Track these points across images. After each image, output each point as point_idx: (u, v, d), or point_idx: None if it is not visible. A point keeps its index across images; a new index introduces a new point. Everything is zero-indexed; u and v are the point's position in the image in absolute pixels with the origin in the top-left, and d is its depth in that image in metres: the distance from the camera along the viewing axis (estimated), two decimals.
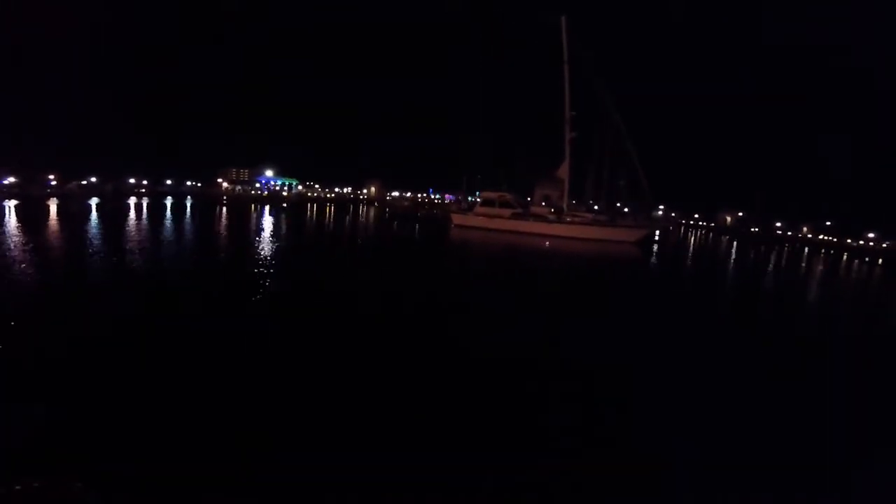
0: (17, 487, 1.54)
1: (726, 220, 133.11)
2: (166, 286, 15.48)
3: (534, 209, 50.47)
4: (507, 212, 50.25)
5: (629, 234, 47.07)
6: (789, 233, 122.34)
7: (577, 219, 48.53)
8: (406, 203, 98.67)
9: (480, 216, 51.34)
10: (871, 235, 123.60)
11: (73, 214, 41.20)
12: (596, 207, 54.06)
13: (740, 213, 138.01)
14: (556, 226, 47.71)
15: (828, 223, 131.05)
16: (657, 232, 51.39)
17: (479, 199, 53.59)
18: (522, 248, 37.38)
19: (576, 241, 44.66)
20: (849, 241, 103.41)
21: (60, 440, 5.65)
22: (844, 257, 74.11)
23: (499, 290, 18.84)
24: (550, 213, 49.39)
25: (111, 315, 11.68)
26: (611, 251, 40.35)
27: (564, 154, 49.54)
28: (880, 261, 70.75)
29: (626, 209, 59.55)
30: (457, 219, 54.01)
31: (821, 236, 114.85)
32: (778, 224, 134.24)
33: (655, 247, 48.88)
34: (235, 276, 18.02)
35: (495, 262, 29.93)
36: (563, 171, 49.91)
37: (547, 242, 40.49)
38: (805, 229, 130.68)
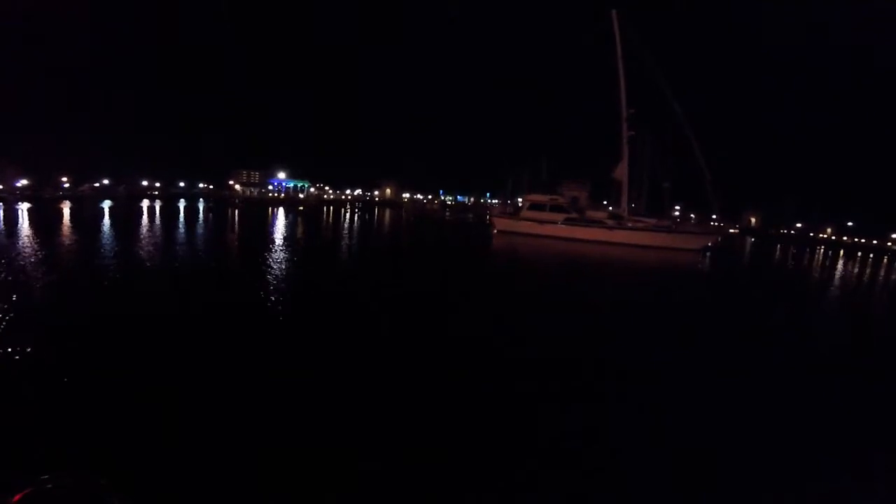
0: (49, 486, 1.54)
1: (751, 221, 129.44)
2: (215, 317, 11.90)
3: (590, 214, 46.55)
4: (559, 216, 46.33)
5: (693, 241, 43.36)
6: (821, 235, 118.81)
7: (639, 224, 44.71)
8: (435, 206, 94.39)
9: (529, 221, 47.48)
10: (894, 236, 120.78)
11: (86, 218, 38.49)
12: (678, 209, 50.34)
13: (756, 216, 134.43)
14: (617, 232, 43.84)
15: (849, 223, 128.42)
16: (720, 239, 47.62)
17: (525, 203, 49.53)
18: (583, 258, 33.85)
19: (636, 249, 41.00)
20: (889, 243, 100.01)
21: (84, 437, 5.49)
22: (885, 259, 70.71)
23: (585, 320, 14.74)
24: (608, 218, 45.52)
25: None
26: (677, 260, 36.85)
27: (622, 153, 45.78)
28: None
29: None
30: (500, 224, 50.07)
31: (854, 238, 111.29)
32: (799, 224, 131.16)
33: (722, 255, 45.18)
34: (294, 292, 14.75)
35: (564, 275, 26.13)
36: (621, 172, 46.04)
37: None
38: (829, 230, 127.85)
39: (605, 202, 55.84)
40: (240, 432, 5.92)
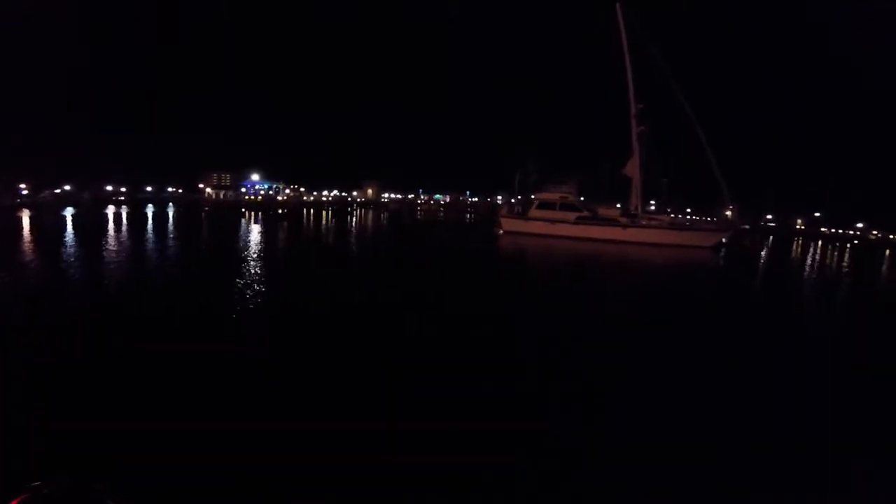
0: (46, 492, 1.58)
1: (727, 214, 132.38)
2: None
3: (603, 212, 45.11)
4: (571, 215, 44.59)
5: (706, 238, 42.66)
6: (797, 226, 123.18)
7: (653, 222, 43.58)
8: (432, 207, 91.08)
9: (538, 221, 45.59)
10: (859, 225, 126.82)
11: (46, 227, 34.75)
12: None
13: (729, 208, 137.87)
14: (632, 231, 42.56)
15: (816, 214, 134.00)
16: (733, 235, 47.16)
17: (534, 202, 47.52)
18: (603, 259, 32.64)
19: (649, 248, 39.95)
20: (877, 233, 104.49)
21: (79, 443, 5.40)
22: (855, 247, 73.09)
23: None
24: (621, 216, 44.20)
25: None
26: (694, 258, 36.14)
27: (632, 150, 44.54)
28: None
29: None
30: (507, 224, 47.98)
31: (830, 229, 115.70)
32: (769, 216, 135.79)
33: (737, 251, 44.77)
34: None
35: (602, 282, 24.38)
36: (632, 169, 44.84)
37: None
38: (799, 221, 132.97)
39: (581, 198, 54.88)
40: (241, 436, 5.79)
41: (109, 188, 74.01)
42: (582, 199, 51.47)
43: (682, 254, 37.86)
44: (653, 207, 63.12)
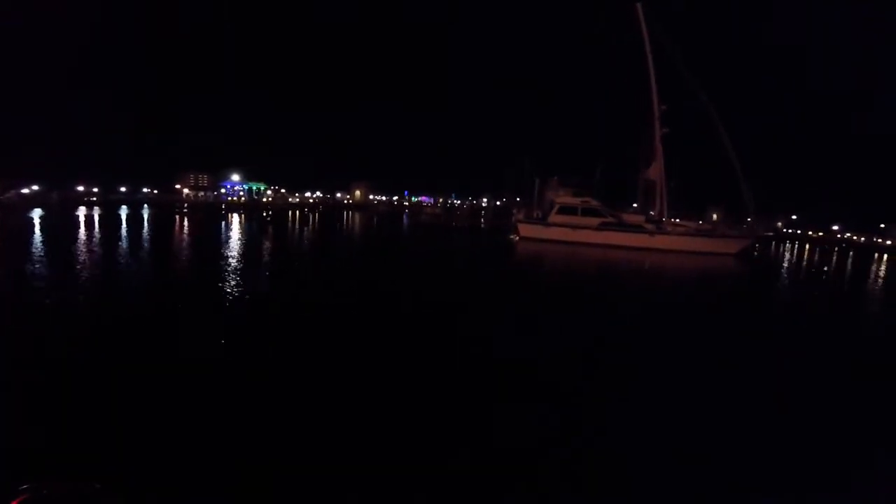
0: (45, 492, 1.59)
1: (713, 217, 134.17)
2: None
3: (628, 218, 43.21)
4: (594, 221, 42.55)
5: (730, 245, 41.49)
6: (783, 229, 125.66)
7: (679, 229, 41.99)
8: (436, 210, 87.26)
9: (559, 227, 43.34)
10: (835, 227, 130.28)
11: (10, 231, 31.36)
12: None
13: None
14: (659, 238, 40.85)
15: (793, 217, 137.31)
16: (758, 242, 46.24)
17: (554, 207, 45.15)
18: (633, 268, 31.08)
19: (676, 255, 38.50)
20: (860, 237, 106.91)
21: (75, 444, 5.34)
22: (851, 253, 74.10)
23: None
24: (647, 223, 42.47)
25: None
26: (719, 266, 34.99)
27: (656, 153, 42.90)
28: None
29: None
30: (525, 230, 45.49)
31: (810, 232, 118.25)
32: (749, 219, 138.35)
33: (757, 259, 43.83)
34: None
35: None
36: (655, 173, 43.18)
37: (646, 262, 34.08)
38: (779, 224, 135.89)
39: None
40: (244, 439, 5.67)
41: (80, 188, 68.19)
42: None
43: (713, 261, 36.61)
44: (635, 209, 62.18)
